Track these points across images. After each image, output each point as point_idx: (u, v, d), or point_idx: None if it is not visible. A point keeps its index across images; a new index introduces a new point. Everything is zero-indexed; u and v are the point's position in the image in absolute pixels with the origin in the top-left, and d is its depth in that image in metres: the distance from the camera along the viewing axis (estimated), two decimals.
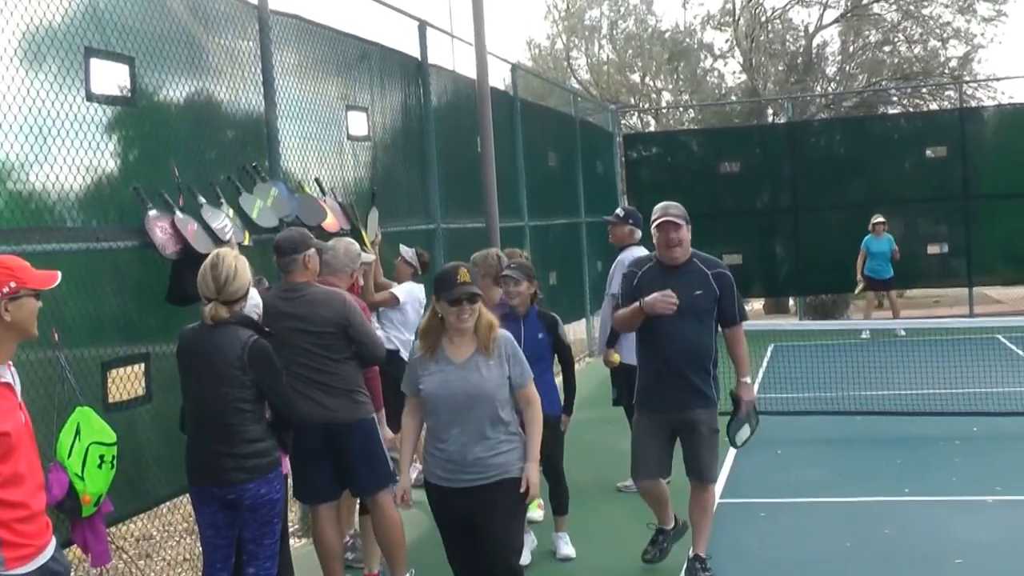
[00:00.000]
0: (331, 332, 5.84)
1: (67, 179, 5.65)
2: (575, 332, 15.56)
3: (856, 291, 16.55)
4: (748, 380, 6.28)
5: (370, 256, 6.86)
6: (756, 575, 6.44)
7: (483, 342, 4.96)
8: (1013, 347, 14.43)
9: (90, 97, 5.87)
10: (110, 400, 5.86)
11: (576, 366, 7.14)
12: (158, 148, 6.46)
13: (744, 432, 6.32)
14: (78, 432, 5.21)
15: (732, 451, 9.43)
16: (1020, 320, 14.56)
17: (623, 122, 23.34)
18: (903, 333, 15.60)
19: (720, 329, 6.22)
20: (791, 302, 20.94)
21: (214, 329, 4.95)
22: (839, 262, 17.36)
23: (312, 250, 5.98)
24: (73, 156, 5.70)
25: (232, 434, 4.93)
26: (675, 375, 6.05)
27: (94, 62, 5.90)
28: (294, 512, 7.69)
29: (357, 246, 6.59)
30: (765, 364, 14.21)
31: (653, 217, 6.12)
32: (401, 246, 8.51)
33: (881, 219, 16.42)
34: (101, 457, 5.22)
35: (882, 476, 8.43)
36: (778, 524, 7.42)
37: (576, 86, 24.54)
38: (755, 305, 22.50)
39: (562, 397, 6.83)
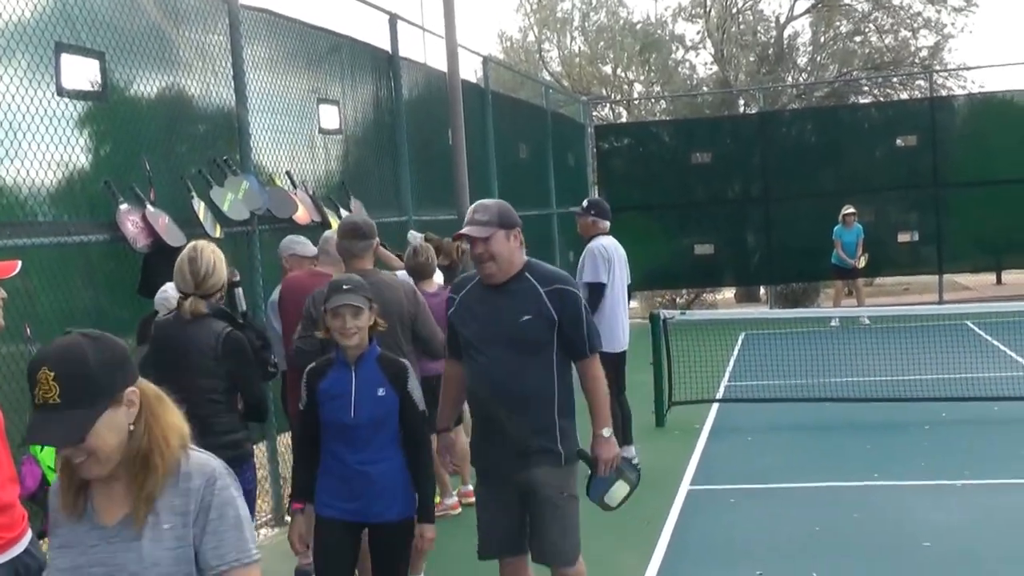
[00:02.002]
0: (399, 321, 5.60)
1: (38, 174, 5.68)
2: None
3: (861, 264, 16.56)
4: (607, 433, 4.79)
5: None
6: (725, 561, 6.49)
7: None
8: (981, 332, 14.59)
9: (61, 92, 5.89)
10: None
11: None
12: (129, 142, 6.50)
13: (618, 490, 4.99)
14: None
15: (703, 439, 9.62)
16: (987, 307, 14.86)
17: (595, 114, 23.41)
18: (867, 321, 15.82)
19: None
20: (762, 291, 21.11)
21: (190, 322, 4.96)
22: (810, 251, 17.61)
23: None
24: (44, 151, 5.72)
25: (204, 425, 4.88)
26: (503, 428, 4.63)
27: (65, 57, 5.92)
28: (266, 503, 7.74)
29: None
30: (736, 352, 14.34)
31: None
32: (411, 231, 8.56)
33: (851, 210, 16.58)
34: None
35: (852, 462, 8.54)
36: (748, 510, 7.51)
37: (548, 78, 24.60)
38: (726, 294, 22.70)
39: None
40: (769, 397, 10.76)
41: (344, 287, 4.52)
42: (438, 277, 7.25)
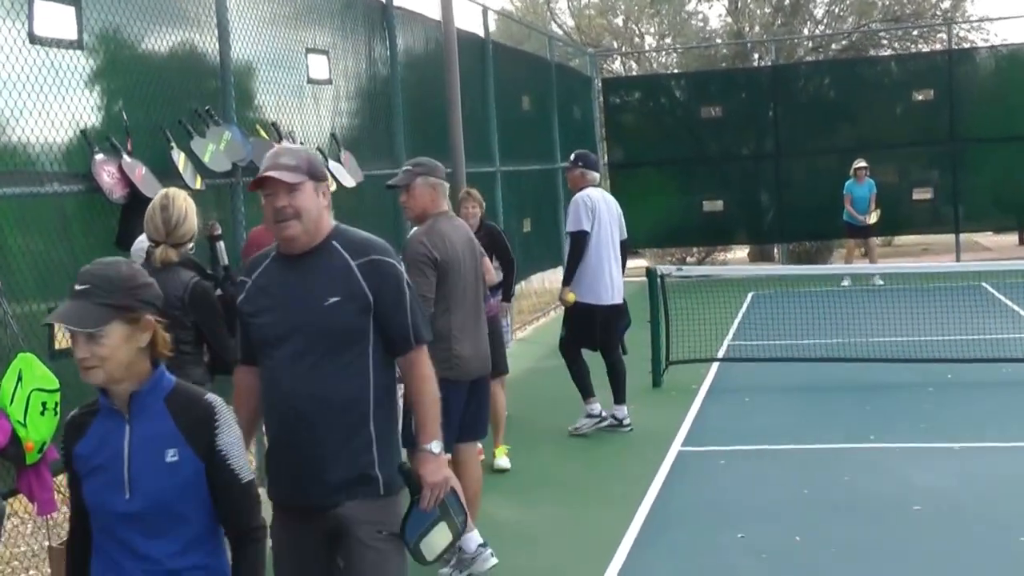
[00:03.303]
0: (479, 264, 5.85)
1: (8, 123, 5.55)
2: (549, 280, 15.49)
3: (872, 220, 16.19)
4: (436, 448, 3.65)
5: None
6: (708, 523, 6.36)
7: None
8: (996, 293, 14.34)
9: (33, 40, 5.74)
10: (56, 347, 5.79)
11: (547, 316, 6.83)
12: (106, 92, 6.35)
13: (438, 538, 3.71)
14: (20, 379, 5.17)
15: (699, 399, 9.47)
16: (1004, 264, 14.60)
17: (607, 67, 23.13)
18: (880, 282, 15.55)
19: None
20: (776, 250, 20.86)
21: (158, 271, 4.86)
22: (823, 209, 17.27)
23: None
24: (15, 100, 5.59)
25: None
26: (302, 446, 3.53)
27: (38, 4, 5.77)
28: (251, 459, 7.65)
29: None
30: (743, 311, 14.17)
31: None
32: None
33: (863, 164, 16.20)
34: (44, 404, 5.18)
35: (848, 424, 8.39)
36: (737, 472, 7.38)
37: (558, 31, 24.26)
38: (738, 253, 22.45)
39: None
40: (770, 357, 10.58)
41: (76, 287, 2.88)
42: None
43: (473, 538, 5.64)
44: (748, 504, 6.66)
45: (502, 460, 7.53)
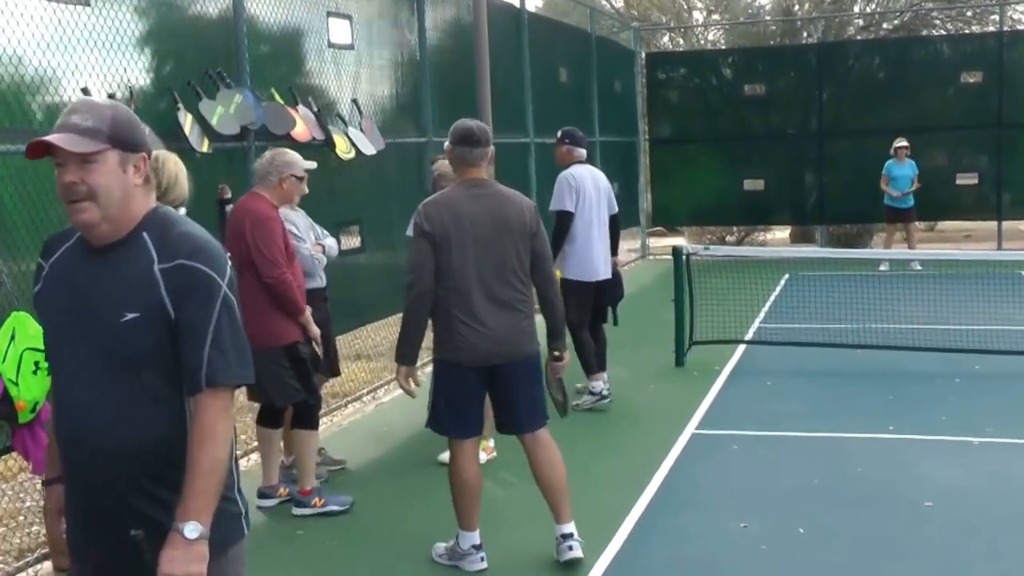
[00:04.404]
0: (520, 237, 5.23)
1: (8, 78, 5.48)
2: None
3: (910, 190, 15.70)
4: (189, 532, 2.61)
5: (311, 163, 6.59)
6: (711, 510, 6.19)
7: None
8: None
9: None
10: None
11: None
12: (113, 50, 6.25)
13: None
14: (13, 337, 5.16)
15: (720, 381, 9.28)
16: None
17: (655, 42, 22.81)
18: (919, 267, 15.20)
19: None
20: (817, 232, 20.49)
21: None
22: (865, 191, 16.78)
23: None
24: (21, 56, 5.52)
25: None
26: (94, 493, 2.77)
27: None
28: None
29: (291, 154, 6.24)
30: (776, 293, 13.91)
31: None
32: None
33: (904, 143, 15.75)
34: (36, 363, 5.18)
35: (868, 412, 8.17)
36: (748, 458, 7.19)
37: (605, 4, 23.93)
38: (778, 234, 22.12)
39: None
40: (797, 341, 10.34)
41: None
42: None
43: (471, 537, 5.40)
44: (755, 492, 6.48)
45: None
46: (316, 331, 6.15)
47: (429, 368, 5.59)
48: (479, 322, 5.16)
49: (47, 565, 5.68)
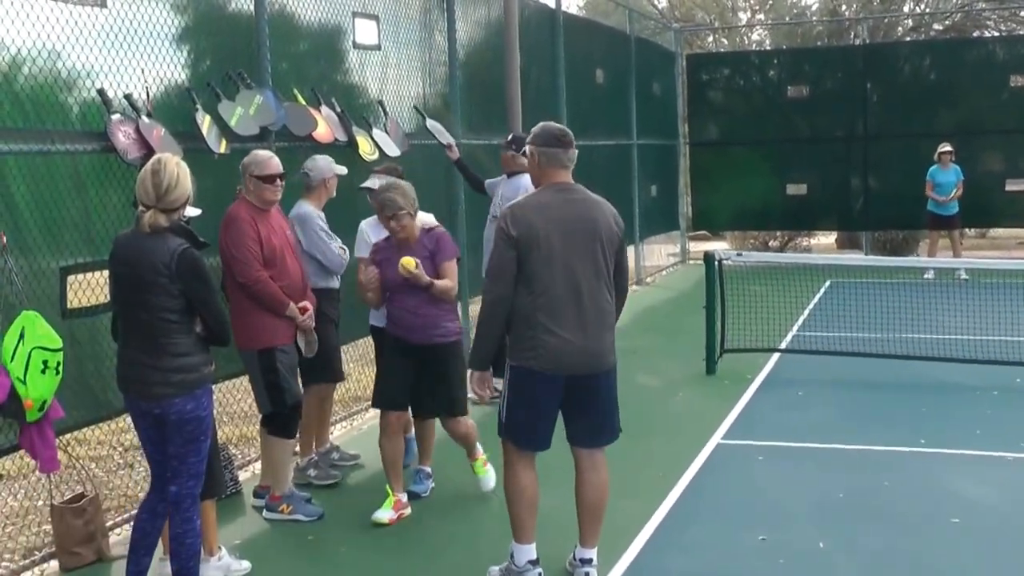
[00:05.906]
0: (606, 244, 5.03)
1: (22, 79, 5.47)
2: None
3: (953, 195, 15.39)
4: None
5: (342, 169, 6.47)
6: (732, 522, 6.04)
7: None
8: None
9: None
10: (68, 306, 5.74)
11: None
12: (129, 51, 6.21)
13: None
14: (22, 336, 5.17)
15: (751, 390, 9.09)
16: None
17: (698, 43, 22.56)
18: (965, 276, 14.79)
19: None
20: (863, 237, 20.12)
21: (147, 236, 4.76)
22: (911, 196, 16.31)
23: None
24: (35, 58, 5.51)
25: (157, 346, 4.77)
26: None
27: None
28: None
29: (260, 154, 6.24)
30: (815, 300, 13.65)
31: None
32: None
33: (948, 148, 15.41)
34: (45, 363, 5.19)
35: (900, 424, 7.96)
36: (774, 469, 7.01)
37: (648, 4, 23.72)
38: (822, 239, 21.76)
39: None
40: (831, 350, 10.12)
41: None
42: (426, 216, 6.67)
43: (527, 551, 5.16)
44: (778, 504, 6.32)
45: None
46: (308, 324, 6.18)
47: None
48: (567, 330, 4.94)
49: (53, 564, 5.67)
